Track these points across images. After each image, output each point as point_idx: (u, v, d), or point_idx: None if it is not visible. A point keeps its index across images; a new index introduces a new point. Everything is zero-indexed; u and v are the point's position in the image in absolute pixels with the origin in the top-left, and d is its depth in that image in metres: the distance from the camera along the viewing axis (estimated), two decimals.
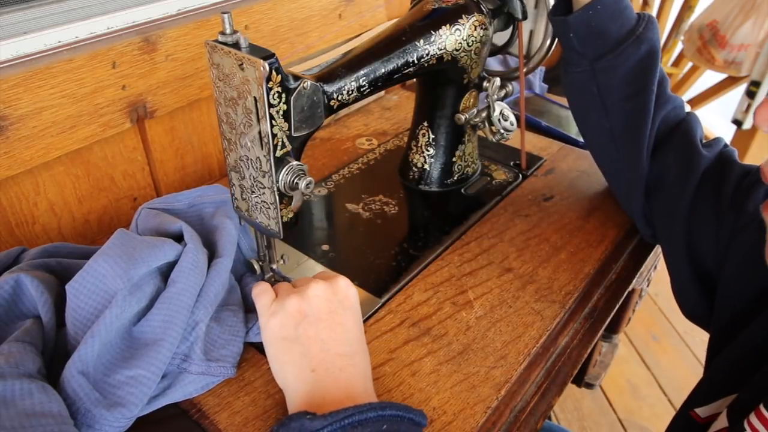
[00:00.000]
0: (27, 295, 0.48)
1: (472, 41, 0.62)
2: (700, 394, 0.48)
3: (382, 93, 0.98)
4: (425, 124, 0.71)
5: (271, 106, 0.43)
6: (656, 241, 0.63)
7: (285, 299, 0.46)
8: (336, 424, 0.37)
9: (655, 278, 0.96)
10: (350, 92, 0.52)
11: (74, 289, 0.46)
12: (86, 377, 0.43)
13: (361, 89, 0.53)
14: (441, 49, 0.59)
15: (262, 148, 0.45)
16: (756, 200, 0.50)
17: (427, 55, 0.58)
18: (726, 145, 0.59)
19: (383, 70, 0.55)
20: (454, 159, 0.72)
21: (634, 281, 0.66)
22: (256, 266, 0.56)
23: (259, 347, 0.52)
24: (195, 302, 0.48)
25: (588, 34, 0.57)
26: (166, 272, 0.50)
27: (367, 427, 0.38)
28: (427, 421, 0.41)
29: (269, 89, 0.42)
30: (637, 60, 0.57)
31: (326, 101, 0.50)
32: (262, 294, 0.48)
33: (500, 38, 0.69)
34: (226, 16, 0.42)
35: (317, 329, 0.45)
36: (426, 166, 0.73)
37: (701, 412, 0.46)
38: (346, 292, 0.48)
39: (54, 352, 0.48)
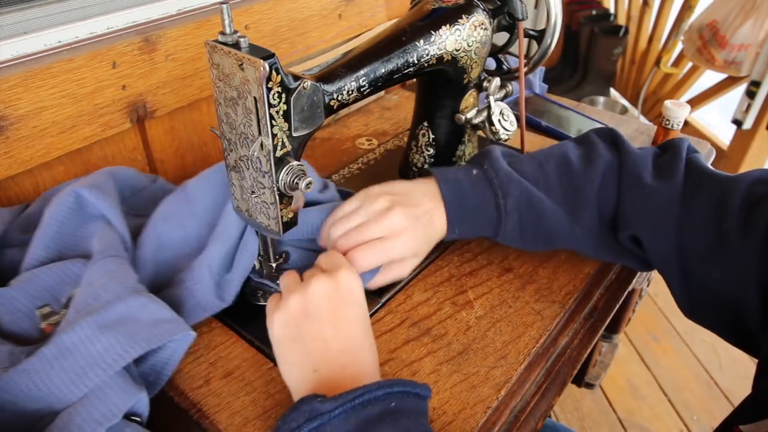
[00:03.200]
0: (89, 202, 0.53)
1: (472, 41, 0.62)
2: (746, 412, 0.46)
3: (382, 93, 0.98)
4: (425, 124, 0.71)
5: (271, 106, 0.43)
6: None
7: (287, 298, 0.46)
8: (347, 404, 0.38)
9: (655, 278, 0.96)
10: (350, 92, 0.52)
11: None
12: (209, 270, 0.52)
13: (361, 89, 0.53)
14: (441, 49, 0.59)
15: (262, 148, 0.45)
16: None
17: (427, 55, 0.58)
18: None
19: (383, 70, 0.54)
20: (454, 159, 0.72)
21: (634, 281, 0.66)
22: (256, 264, 0.56)
23: (259, 347, 0.53)
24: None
25: (468, 237, 0.58)
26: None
27: (376, 405, 0.39)
28: (431, 392, 0.43)
29: (269, 89, 0.42)
30: (518, 225, 0.55)
31: (326, 101, 0.50)
32: (272, 297, 0.48)
33: (500, 38, 0.69)
34: (225, 6, 0.41)
35: (319, 328, 0.44)
36: (426, 166, 0.73)
37: (746, 429, 0.45)
38: (348, 286, 0.47)
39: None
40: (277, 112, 0.44)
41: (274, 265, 0.56)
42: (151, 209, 0.57)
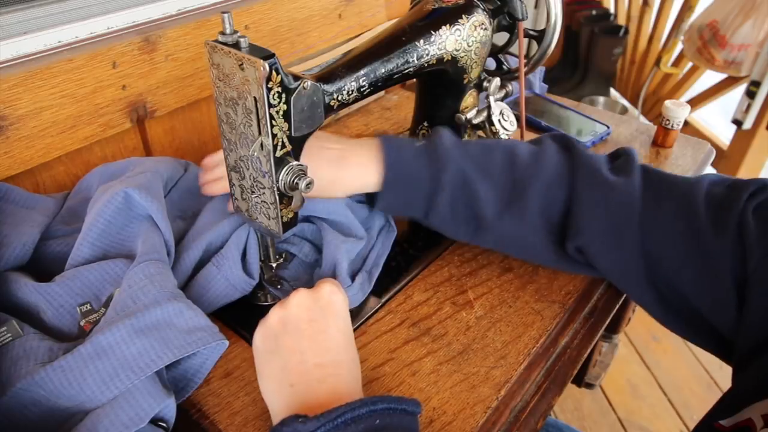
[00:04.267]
0: (137, 202, 0.54)
1: (472, 41, 0.62)
2: (726, 408, 0.46)
3: (382, 93, 0.98)
4: (425, 124, 0.71)
5: (271, 106, 0.43)
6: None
7: (270, 313, 0.46)
8: (329, 424, 0.37)
9: None
10: (350, 92, 0.52)
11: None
12: (237, 248, 0.54)
13: (361, 89, 0.53)
14: (441, 49, 0.59)
15: (262, 149, 0.45)
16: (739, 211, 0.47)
17: (427, 55, 0.58)
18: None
19: (383, 70, 0.54)
20: None
21: None
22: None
23: None
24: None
25: (399, 210, 0.58)
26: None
27: (360, 424, 0.37)
28: (420, 408, 0.41)
29: (269, 89, 0.42)
30: (450, 200, 0.55)
31: (326, 101, 0.50)
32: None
33: (500, 38, 0.69)
34: (226, 15, 0.42)
35: (296, 340, 0.43)
36: None
37: (726, 422, 0.45)
38: (329, 298, 0.46)
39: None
40: (277, 112, 0.44)
41: (274, 265, 0.56)
42: (188, 204, 0.58)
